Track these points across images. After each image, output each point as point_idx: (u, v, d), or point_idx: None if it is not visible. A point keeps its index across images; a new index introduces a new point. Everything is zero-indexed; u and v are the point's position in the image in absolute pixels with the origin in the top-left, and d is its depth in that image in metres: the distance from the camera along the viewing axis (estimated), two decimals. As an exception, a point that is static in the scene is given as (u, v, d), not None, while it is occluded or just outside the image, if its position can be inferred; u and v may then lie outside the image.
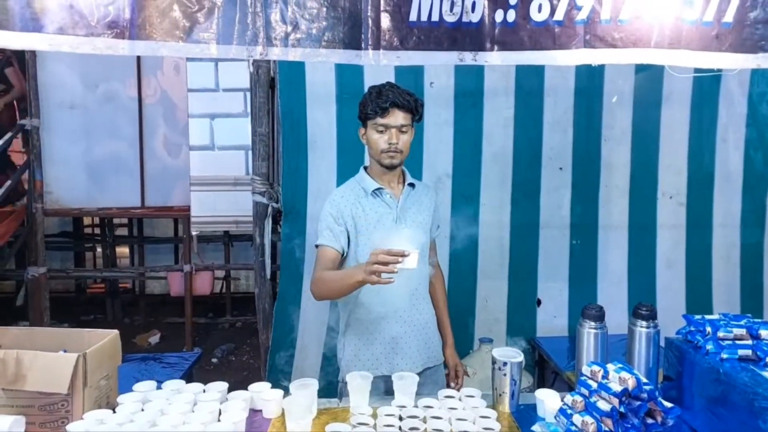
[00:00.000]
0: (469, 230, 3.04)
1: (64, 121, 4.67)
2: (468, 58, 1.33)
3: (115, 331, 1.68)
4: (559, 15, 1.32)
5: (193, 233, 3.24)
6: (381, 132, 1.70)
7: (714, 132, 3.06)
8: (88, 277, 6.19)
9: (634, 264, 3.07)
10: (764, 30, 1.30)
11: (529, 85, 2.90)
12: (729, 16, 1.31)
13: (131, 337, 5.25)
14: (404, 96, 1.65)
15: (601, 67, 2.88)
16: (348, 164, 2.87)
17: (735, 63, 1.33)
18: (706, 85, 2.97)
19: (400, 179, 1.87)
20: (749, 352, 1.61)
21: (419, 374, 1.73)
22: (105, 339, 1.55)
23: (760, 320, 1.81)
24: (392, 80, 2.75)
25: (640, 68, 2.90)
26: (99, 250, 6.48)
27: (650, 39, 1.31)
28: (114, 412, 1.45)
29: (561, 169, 3.02)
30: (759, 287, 3.10)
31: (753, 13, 1.31)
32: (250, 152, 3.07)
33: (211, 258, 5.65)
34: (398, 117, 1.66)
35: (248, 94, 3.16)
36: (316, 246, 1.81)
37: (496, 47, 1.33)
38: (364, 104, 1.73)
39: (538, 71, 2.84)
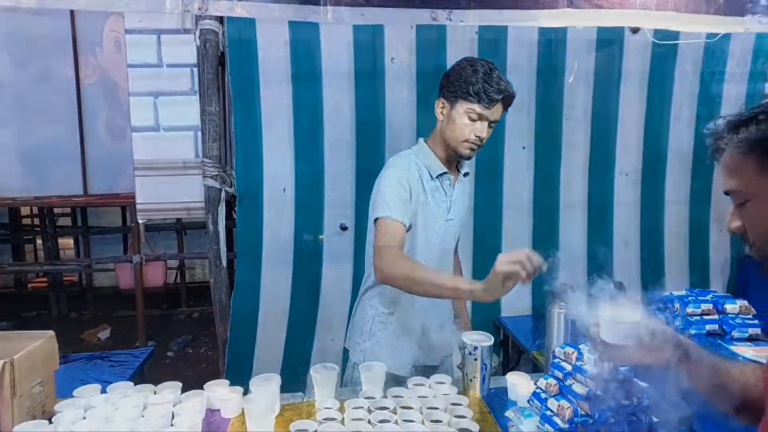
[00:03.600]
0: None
1: (-5, 103, 4.29)
2: (442, 16, 1.21)
3: (50, 332, 1.51)
4: (537, -26, 1.24)
5: (140, 221, 3.02)
6: (473, 120, 1.51)
7: (669, 110, 3.10)
8: (28, 271, 5.78)
9: (593, 242, 3.10)
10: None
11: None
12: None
13: (79, 333, 4.95)
14: (509, 89, 1.49)
15: (563, 45, 2.84)
16: (306, 145, 2.74)
17: (723, 26, 1.29)
18: (663, 63, 3.00)
19: (456, 164, 1.73)
20: (716, 326, 1.61)
21: (437, 366, 1.67)
22: (38, 341, 1.38)
23: (724, 294, 1.83)
24: (351, 57, 2.62)
25: (601, 45, 2.89)
26: (39, 242, 6.07)
27: (636, 0, 1.25)
28: (51, 422, 1.30)
29: (524, 148, 2.99)
30: (706, 261, 3.21)
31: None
32: (199, 133, 2.87)
33: (162, 248, 5.38)
34: (497, 111, 1.51)
35: (195, 71, 2.94)
36: (379, 218, 1.56)
37: (473, 4, 1.22)
38: (465, 81, 1.48)
39: (500, 47, 2.77)
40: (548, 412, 1.30)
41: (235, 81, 2.61)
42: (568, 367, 1.35)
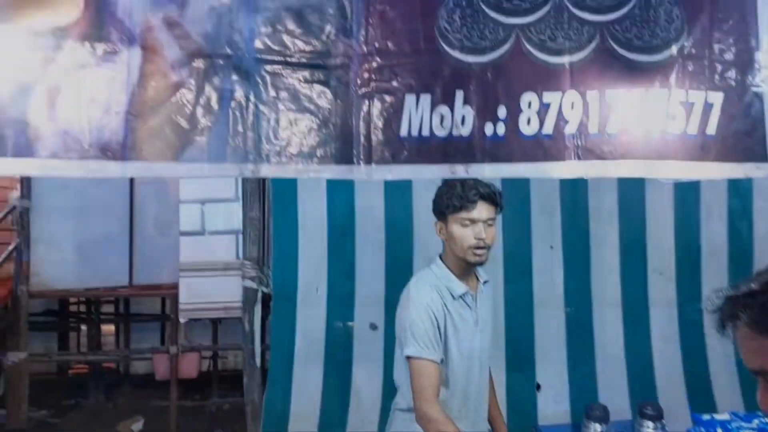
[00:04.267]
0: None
1: (56, 200, 4.65)
2: (460, 170, 1.34)
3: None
4: (548, 128, 1.35)
5: (182, 320, 3.14)
6: (466, 226, 1.60)
7: (698, 206, 3.09)
8: (71, 360, 5.95)
9: (631, 342, 3.01)
10: (749, 141, 1.34)
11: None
12: (712, 128, 1.35)
13: (114, 423, 4.98)
14: (489, 187, 1.59)
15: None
16: (340, 249, 2.85)
17: (722, 173, 1.36)
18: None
19: (475, 276, 1.78)
20: (764, 459, 1.53)
21: None
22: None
23: (770, 416, 1.74)
24: (381, 200, 2.78)
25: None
26: (84, 327, 6.28)
27: (638, 151, 1.34)
28: None
29: (552, 247, 3.01)
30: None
31: (736, 124, 1.35)
32: (240, 236, 3.04)
33: (198, 337, 5.48)
34: (484, 210, 1.59)
35: (239, 179, 3.17)
36: (411, 357, 1.62)
37: (487, 159, 1.34)
38: (445, 197, 1.63)
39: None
40: None
41: (276, 189, 2.80)
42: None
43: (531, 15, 1.35)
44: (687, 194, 3.05)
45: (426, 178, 1.38)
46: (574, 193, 2.97)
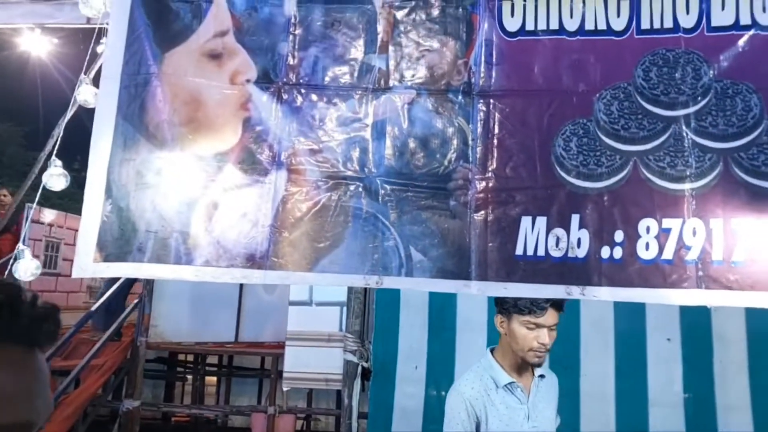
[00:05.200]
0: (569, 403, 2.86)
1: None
2: (576, 292, 1.36)
3: None
4: (668, 254, 1.35)
5: (285, 389, 3.31)
6: (531, 329, 1.60)
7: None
8: (177, 411, 6.38)
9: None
10: None
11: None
12: None
13: (210, 475, 5.21)
14: None
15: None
16: (440, 325, 2.88)
17: None
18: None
19: (529, 368, 1.77)
20: None
21: None
22: None
23: None
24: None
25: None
26: (189, 378, 6.74)
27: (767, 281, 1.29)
28: None
29: (669, 340, 2.83)
30: None
31: None
32: (344, 309, 3.19)
33: (294, 395, 5.66)
34: (552, 317, 1.59)
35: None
36: None
37: (603, 282, 1.36)
38: (514, 298, 1.66)
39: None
40: None
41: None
42: None
43: (649, 143, 1.39)
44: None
45: (542, 297, 1.41)
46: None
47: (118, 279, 4.50)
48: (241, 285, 5.10)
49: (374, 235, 1.47)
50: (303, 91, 1.54)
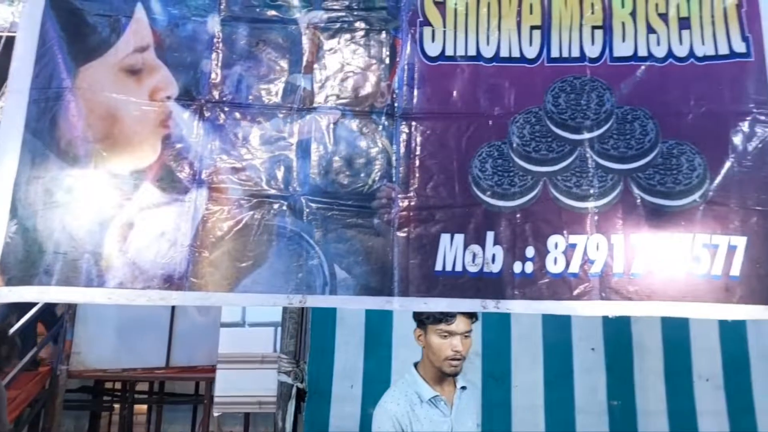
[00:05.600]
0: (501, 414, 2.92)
1: (104, 281, 4.87)
2: (491, 305, 1.43)
3: None
4: (574, 267, 1.44)
5: (215, 414, 3.19)
6: (445, 338, 1.66)
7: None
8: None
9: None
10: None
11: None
12: (736, 270, 1.41)
13: None
14: None
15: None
16: (376, 342, 2.88)
17: (748, 314, 1.40)
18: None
19: (451, 381, 1.81)
20: None
21: None
22: None
23: None
24: None
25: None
26: (116, 406, 6.34)
27: (664, 292, 1.40)
28: None
29: (593, 350, 2.97)
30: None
31: (760, 267, 1.40)
32: (279, 329, 3.13)
33: (230, 423, 5.45)
34: (463, 324, 1.65)
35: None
36: None
37: (516, 296, 1.43)
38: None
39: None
40: None
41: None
42: None
43: (557, 164, 1.49)
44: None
45: (459, 311, 1.47)
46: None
47: (19, 305, 4.16)
48: (173, 307, 4.89)
49: (298, 253, 1.47)
50: (226, 109, 1.53)
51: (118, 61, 1.51)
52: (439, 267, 1.47)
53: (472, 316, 1.65)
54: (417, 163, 1.52)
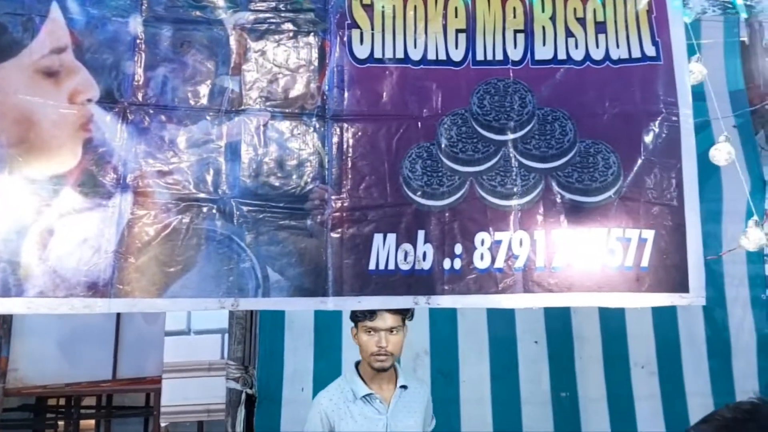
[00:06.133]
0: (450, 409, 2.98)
1: (41, 293, 4.65)
2: (422, 301, 1.46)
3: None
4: (499, 263, 1.50)
5: (163, 424, 3.10)
6: (370, 334, 1.69)
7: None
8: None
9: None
10: (676, 272, 1.50)
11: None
12: (645, 262, 1.50)
13: None
14: None
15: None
16: (326, 344, 2.88)
17: (654, 302, 1.50)
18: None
19: (392, 379, 1.84)
20: None
21: None
22: None
23: None
24: None
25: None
26: (61, 424, 6.04)
27: (582, 284, 1.49)
28: None
29: (536, 342, 3.07)
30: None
31: (666, 258, 1.50)
32: (226, 336, 3.07)
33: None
34: (387, 319, 1.67)
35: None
36: None
37: (446, 291, 1.47)
38: None
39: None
40: None
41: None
42: None
43: (483, 164, 1.54)
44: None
45: (392, 308, 1.50)
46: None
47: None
48: (118, 317, 4.72)
49: (229, 257, 1.45)
50: (151, 111, 1.49)
51: (33, 62, 1.45)
52: (372, 266, 1.49)
53: (400, 312, 1.69)
54: (349, 164, 1.53)
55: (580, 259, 1.49)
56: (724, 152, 1.52)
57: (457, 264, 1.49)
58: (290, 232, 1.49)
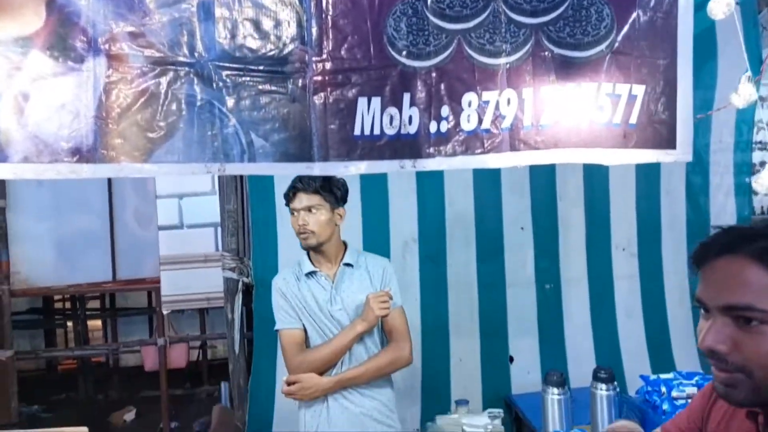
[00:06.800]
0: (438, 291, 3.12)
1: (32, 199, 4.66)
2: (408, 165, 1.46)
3: (84, 429, 1.70)
4: (486, 123, 1.48)
5: (165, 312, 3.24)
6: (294, 215, 1.82)
7: (658, 183, 3.27)
8: (59, 356, 6.01)
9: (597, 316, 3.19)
10: (663, 129, 1.48)
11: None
12: (634, 118, 1.48)
13: (105, 415, 5.08)
14: (307, 179, 1.74)
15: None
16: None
17: (640, 158, 1.50)
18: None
19: (338, 258, 1.93)
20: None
21: None
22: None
23: (710, 376, 1.92)
24: (358, 186, 2.86)
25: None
26: (70, 324, 6.33)
27: (568, 140, 1.48)
28: None
29: (522, 229, 3.15)
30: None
31: (654, 115, 1.48)
32: (219, 229, 3.13)
33: (186, 327, 5.57)
34: (303, 200, 1.76)
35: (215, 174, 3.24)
36: (276, 331, 1.88)
37: (431, 154, 1.47)
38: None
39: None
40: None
41: (253, 181, 2.88)
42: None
43: (471, 21, 1.47)
44: (648, 174, 3.23)
45: (378, 172, 1.49)
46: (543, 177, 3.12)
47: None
48: (111, 223, 4.77)
49: (212, 122, 1.43)
50: (116, -33, 1.39)
51: None
52: (357, 131, 1.47)
53: (318, 192, 1.73)
54: (329, 23, 1.46)
55: (567, 117, 1.48)
56: (722, 3, 1.44)
57: (444, 127, 1.47)
58: (272, 96, 1.45)
